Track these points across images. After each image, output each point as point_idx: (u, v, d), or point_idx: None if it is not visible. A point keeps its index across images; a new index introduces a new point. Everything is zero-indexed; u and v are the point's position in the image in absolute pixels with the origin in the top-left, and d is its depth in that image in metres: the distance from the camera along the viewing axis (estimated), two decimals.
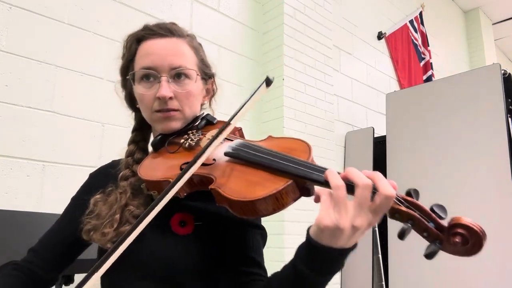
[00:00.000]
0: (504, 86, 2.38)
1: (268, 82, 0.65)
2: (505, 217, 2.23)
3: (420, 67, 4.45)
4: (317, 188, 0.59)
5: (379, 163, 2.94)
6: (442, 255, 0.53)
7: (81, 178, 0.93)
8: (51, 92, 1.78)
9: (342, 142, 3.26)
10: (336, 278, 2.84)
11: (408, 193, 0.56)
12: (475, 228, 0.50)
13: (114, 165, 0.89)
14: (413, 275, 2.51)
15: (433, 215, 0.53)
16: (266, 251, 0.78)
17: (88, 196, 0.82)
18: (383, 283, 2.84)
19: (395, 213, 0.54)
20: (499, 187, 2.27)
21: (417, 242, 0.57)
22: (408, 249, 2.51)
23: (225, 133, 0.66)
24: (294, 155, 0.63)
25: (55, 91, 1.79)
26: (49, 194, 1.71)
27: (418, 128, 2.72)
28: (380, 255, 2.91)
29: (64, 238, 0.86)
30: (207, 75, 0.89)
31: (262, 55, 2.78)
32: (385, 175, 0.55)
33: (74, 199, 0.91)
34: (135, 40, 0.84)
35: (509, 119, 2.35)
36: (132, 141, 0.89)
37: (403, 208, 0.53)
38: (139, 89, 0.82)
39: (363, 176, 0.54)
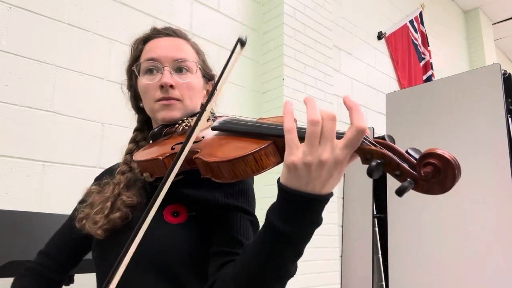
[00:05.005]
0: (504, 86, 2.38)
1: (242, 42, 0.63)
2: (505, 218, 2.23)
3: (420, 67, 4.45)
4: None
5: None
6: (441, 256, 0.52)
7: (81, 178, 0.94)
8: (51, 92, 1.78)
9: None
10: (336, 278, 2.83)
11: (382, 137, 0.53)
12: (446, 156, 0.47)
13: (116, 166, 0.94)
14: (413, 275, 2.51)
15: (406, 155, 0.51)
16: None
17: None
18: (383, 283, 2.84)
19: (367, 154, 0.51)
20: (499, 187, 2.27)
21: (417, 242, 0.56)
22: (408, 249, 2.51)
23: (215, 98, 0.66)
24: None
25: (55, 91, 1.79)
26: (49, 194, 1.71)
27: (418, 128, 2.72)
28: (380, 255, 2.92)
29: (70, 238, 0.89)
30: (208, 75, 0.93)
31: (262, 55, 2.78)
32: (385, 175, 0.54)
33: (79, 202, 0.94)
34: (142, 41, 0.90)
35: (509, 119, 2.35)
36: (132, 140, 0.93)
37: (374, 148, 0.51)
38: (143, 81, 0.86)
39: (320, 110, 0.52)
